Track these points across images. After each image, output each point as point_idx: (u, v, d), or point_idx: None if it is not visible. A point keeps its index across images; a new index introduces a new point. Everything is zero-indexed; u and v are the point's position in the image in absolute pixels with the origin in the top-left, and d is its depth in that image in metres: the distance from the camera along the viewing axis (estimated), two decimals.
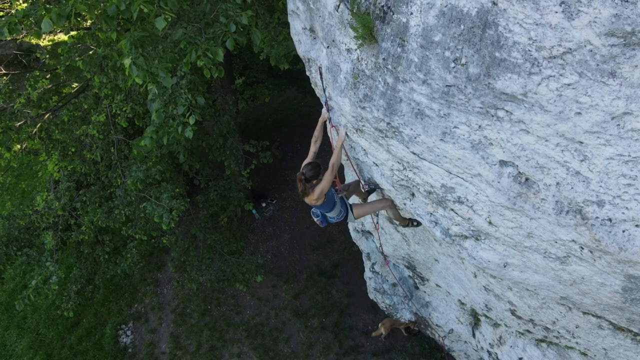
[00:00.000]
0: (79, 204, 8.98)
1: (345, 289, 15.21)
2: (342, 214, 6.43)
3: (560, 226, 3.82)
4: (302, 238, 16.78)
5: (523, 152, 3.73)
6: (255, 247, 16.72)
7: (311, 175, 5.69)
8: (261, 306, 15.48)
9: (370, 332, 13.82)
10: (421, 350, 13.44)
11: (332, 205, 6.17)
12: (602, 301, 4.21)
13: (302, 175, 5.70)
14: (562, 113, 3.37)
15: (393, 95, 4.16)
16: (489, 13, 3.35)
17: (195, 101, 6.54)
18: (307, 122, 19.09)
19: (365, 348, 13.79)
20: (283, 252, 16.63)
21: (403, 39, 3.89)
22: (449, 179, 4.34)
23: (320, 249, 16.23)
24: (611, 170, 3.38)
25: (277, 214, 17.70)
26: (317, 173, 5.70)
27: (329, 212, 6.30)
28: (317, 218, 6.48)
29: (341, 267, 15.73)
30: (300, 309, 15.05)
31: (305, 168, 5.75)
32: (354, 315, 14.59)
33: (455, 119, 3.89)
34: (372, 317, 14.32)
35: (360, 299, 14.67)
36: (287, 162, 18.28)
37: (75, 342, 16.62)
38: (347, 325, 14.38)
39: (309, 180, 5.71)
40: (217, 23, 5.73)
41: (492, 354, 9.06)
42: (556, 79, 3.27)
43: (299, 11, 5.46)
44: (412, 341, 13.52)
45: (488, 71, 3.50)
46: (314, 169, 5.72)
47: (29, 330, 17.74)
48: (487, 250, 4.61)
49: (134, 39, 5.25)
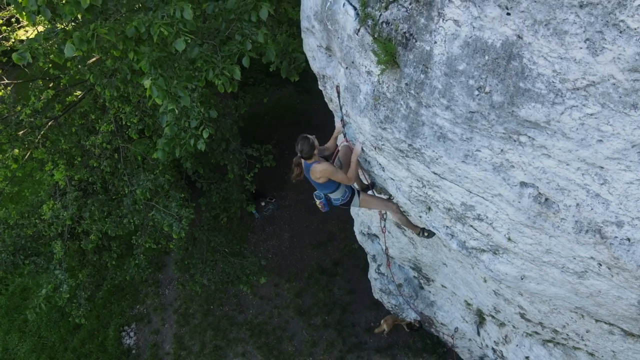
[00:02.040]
0: (87, 213, 9.05)
1: (347, 286, 15.40)
2: (347, 195, 6.31)
3: (579, 244, 4.00)
4: (303, 236, 16.92)
5: (544, 175, 3.89)
6: (255, 247, 16.85)
7: (307, 151, 5.70)
8: (264, 305, 15.63)
9: (373, 329, 14.05)
10: (423, 346, 13.70)
11: (336, 185, 6.11)
12: (617, 312, 4.40)
13: (299, 159, 5.74)
14: (584, 140, 3.53)
15: (416, 118, 4.29)
16: (513, 46, 3.49)
17: (207, 114, 6.63)
18: (303, 120, 19.17)
19: (369, 345, 14.02)
20: (284, 250, 16.76)
21: (426, 66, 4.02)
22: (469, 197, 4.49)
23: (320, 247, 16.39)
24: (630, 193, 3.55)
25: (277, 212, 17.82)
26: (312, 147, 5.71)
27: (333, 194, 6.24)
28: (319, 200, 6.46)
29: (342, 265, 15.90)
30: (303, 308, 15.22)
31: (298, 146, 5.72)
32: (356, 313, 14.79)
33: (478, 143, 4.04)
34: (375, 314, 14.53)
35: (362, 296, 14.87)
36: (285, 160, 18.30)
37: (78, 345, 16.69)
38: (350, 323, 14.58)
39: (307, 157, 5.74)
40: (232, 41, 5.82)
41: (497, 352, 9.29)
42: (579, 108, 3.42)
43: (314, 29, 5.56)
44: (414, 337, 13.76)
45: (512, 100, 3.64)
46: (305, 143, 5.69)
47: (30, 333, 17.75)
48: (505, 263, 4.79)
49: (153, 59, 5.33)
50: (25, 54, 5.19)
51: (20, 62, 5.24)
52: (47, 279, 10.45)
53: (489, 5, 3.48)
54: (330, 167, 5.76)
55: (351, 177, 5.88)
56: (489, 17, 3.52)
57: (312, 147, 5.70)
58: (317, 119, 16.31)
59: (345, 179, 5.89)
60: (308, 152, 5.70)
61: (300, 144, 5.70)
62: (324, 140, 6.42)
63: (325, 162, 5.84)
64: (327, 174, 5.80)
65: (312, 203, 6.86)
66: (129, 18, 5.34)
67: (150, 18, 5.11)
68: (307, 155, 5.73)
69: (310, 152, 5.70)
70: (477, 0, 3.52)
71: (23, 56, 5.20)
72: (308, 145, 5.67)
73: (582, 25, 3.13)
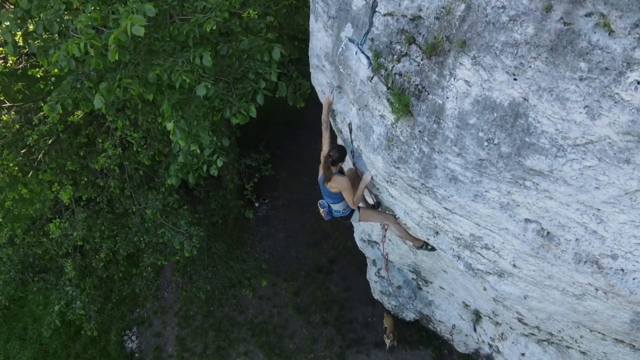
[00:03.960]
0: (98, 233, 9.33)
1: (343, 283, 15.90)
2: (347, 210, 6.78)
3: (578, 272, 4.49)
4: (297, 236, 17.33)
5: (547, 213, 4.36)
6: (252, 247, 17.22)
7: (337, 157, 6.11)
8: (263, 305, 16.06)
9: (370, 324, 14.62)
10: (419, 339, 14.31)
11: (340, 197, 6.54)
12: (611, 327, 4.93)
13: (329, 157, 6.10)
14: (583, 187, 4.00)
15: (428, 162, 4.72)
16: (520, 106, 3.92)
17: (220, 143, 6.95)
18: (293, 120, 19.45)
19: (367, 340, 14.58)
20: (280, 250, 17.17)
21: (439, 117, 4.43)
22: (478, 229, 4.95)
23: (316, 246, 16.83)
24: (624, 232, 4.04)
25: (271, 212, 18.17)
26: (343, 155, 6.14)
27: (336, 205, 6.68)
28: (323, 209, 6.88)
29: (337, 262, 16.38)
30: (302, 306, 15.70)
31: (332, 150, 6.15)
32: (354, 309, 15.32)
33: (487, 185, 4.49)
34: (371, 309, 15.09)
35: (358, 292, 15.42)
36: (276, 160, 18.64)
37: (80, 351, 16.95)
38: (348, 319, 15.12)
39: (335, 162, 6.15)
40: (246, 79, 6.14)
41: (492, 346, 9.87)
42: (579, 161, 3.88)
43: (325, 69, 5.91)
44: (411, 330, 14.35)
45: (519, 151, 4.08)
46: (339, 151, 6.13)
47: (31, 341, 17.93)
48: (510, 285, 5.28)
49: (173, 102, 5.64)
50: (56, 106, 5.47)
51: (50, 113, 5.52)
52: (57, 295, 10.71)
53: (497, 71, 3.90)
54: (347, 184, 6.17)
55: (356, 202, 6.32)
56: (498, 80, 3.94)
57: (342, 159, 6.12)
58: (307, 118, 16.63)
59: (350, 201, 6.32)
60: (338, 161, 6.10)
61: (336, 151, 6.09)
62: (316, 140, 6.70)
63: (346, 177, 6.24)
64: (342, 188, 6.24)
65: (305, 202, 7.31)
66: (148, 62, 5.62)
67: (171, 64, 5.42)
68: (335, 164, 6.13)
69: (339, 162, 6.12)
70: (487, 66, 3.93)
71: (53, 107, 5.48)
72: (341, 156, 6.09)
73: (582, 94, 3.57)
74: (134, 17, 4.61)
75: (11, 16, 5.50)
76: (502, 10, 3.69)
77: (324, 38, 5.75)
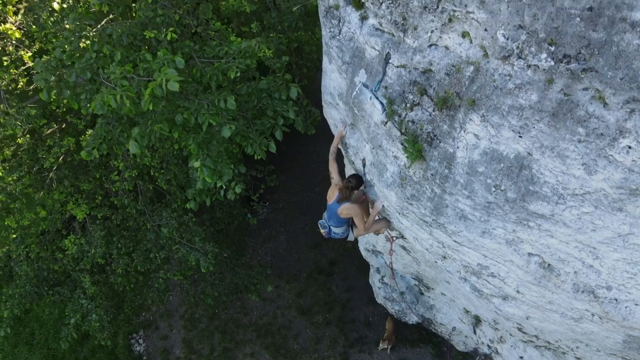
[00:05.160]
0: (115, 250, 9.72)
1: (344, 284, 16.41)
2: (344, 235, 7.40)
3: (577, 300, 5.00)
4: (298, 238, 17.79)
5: (548, 249, 4.85)
6: (254, 250, 17.67)
7: (355, 184, 6.58)
8: (267, 306, 16.55)
9: (372, 324, 15.16)
10: (419, 337, 14.87)
11: (343, 222, 7.08)
12: (605, 346, 5.47)
13: (349, 183, 6.55)
14: (581, 229, 4.49)
15: (440, 201, 5.19)
16: (524, 159, 4.39)
17: (237, 170, 7.36)
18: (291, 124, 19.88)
19: (369, 339, 15.13)
20: (281, 252, 17.63)
21: (450, 164, 4.89)
22: (485, 260, 5.44)
23: (316, 248, 17.30)
24: (617, 267, 4.54)
25: (271, 215, 18.59)
26: (360, 182, 6.62)
27: (337, 228, 7.20)
28: (324, 230, 7.42)
29: (338, 264, 16.87)
30: (304, 307, 16.20)
31: (351, 177, 6.65)
32: (355, 309, 15.85)
33: (494, 224, 4.97)
34: (372, 309, 15.62)
35: (359, 292, 15.94)
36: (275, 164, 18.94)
37: (88, 355, 17.37)
38: (350, 319, 15.64)
39: (353, 190, 6.62)
40: (265, 116, 6.55)
41: (491, 347, 10.43)
42: (577, 208, 4.36)
43: (338, 107, 6.34)
44: (411, 328, 14.91)
45: (523, 197, 4.56)
46: (357, 180, 6.60)
47: (39, 345, 18.33)
48: (513, 307, 5.79)
49: (199, 141, 6.04)
50: (92, 152, 5.86)
51: (88, 158, 5.90)
52: (72, 307, 11.09)
53: (504, 128, 4.36)
54: (359, 212, 6.66)
55: (367, 229, 6.81)
56: (504, 136, 4.40)
57: (359, 187, 6.57)
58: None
59: (361, 227, 6.81)
60: (355, 189, 6.56)
61: (354, 179, 6.55)
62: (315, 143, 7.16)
63: (357, 205, 6.70)
64: (353, 215, 6.71)
65: (305, 205, 7.79)
66: (173, 103, 6.00)
67: (197, 107, 5.81)
68: (350, 190, 6.56)
69: (356, 189, 6.58)
70: (495, 124, 4.39)
71: (90, 153, 5.86)
72: (358, 184, 6.53)
73: (580, 153, 4.04)
74: (168, 73, 4.99)
75: (45, 64, 5.85)
76: (509, 78, 4.14)
77: (337, 79, 6.17)
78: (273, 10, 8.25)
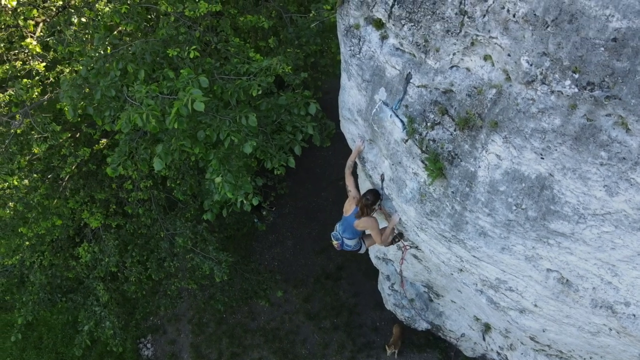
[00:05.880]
0: (130, 259, 9.84)
1: (351, 289, 16.52)
2: (357, 247, 7.60)
3: (594, 315, 5.12)
4: (305, 243, 17.91)
5: (567, 266, 4.97)
6: (261, 255, 17.78)
7: (372, 201, 6.69)
8: (274, 311, 16.65)
9: (379, 328, 15.28)
10: (426, 342, 15.00)
11: (357, 234, 7.22)
12: (621, 359, 5.58)
13: (367, 200, 6.65)
14: (601, 247, 4.60)
15: (460, 218, 5.30)
16: (545, 180, 4.51)
17: (255, 182, 7.47)
18: None
19: (377, 344, 15.26)
20: (288, 257, 17.74)
21: (471, 182, 5.01)
22: (503, 275, 5.56)
23: (323, 253, 17.41)
24: (636, 284, 4.66)
25: (278, 220, 18.69)
26: (377, 199, 6.73)
27: (350, 240, 7.32)
28: (337, 242, 7.52)
29: (345, 269, 16.99)
30: (312, 312, 16.31)
31: (368, 194, 6.73)
32: (363, 314, 15.97)
33: (514, 241, 5.08)
34: (379, 314, 15.74)
35: (366, 297, 16.06)
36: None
37: (97, 359, 17.49)
38: (357, 324, 15.76)
39: (372, 205, 6.73)
40: (284, 132, 6.67)
41: (501, 355, 10.53)
42: (597, 227, 4.48)
43: (357, 123, 6.45)
44: (418, 333, 15.02)
45: (544, 216, 4.68)
46: (374, 195, 6.72)
47: (47, 350, 18.43)
48: (530, 320, 5.90)
49: (220, 156, 6.15)
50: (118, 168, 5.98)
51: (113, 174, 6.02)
52: (85, 314, 11.21)
53: (526, 150, 4.48)
54: (376, 225, 6.77)
55: (384, 241, 6.92)
56: (526, 158, 4.52)
57: (377, 202, 6.67)
58: None
59: (378, 240, 6.92)
60: (374, 204, 6.66)
61: (372, 195, 6.66)
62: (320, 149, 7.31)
63: (373, 219, 6.81)
64: (369, 228, 6.82)
65: (311, 210, 7.94)
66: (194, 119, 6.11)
67: (219, 124, 5.93)
68: (369, 209, 6.68)
69: (374, 204, 6.68)
70: (517, 145, 4.51)
71: (115, 170, 5.98)
72: (376, 199, 6.64)
73: (601, 176, 4.16)
74: (194, 93, 5.11)
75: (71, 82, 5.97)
76: (532, 102, 4.25)
77: (356, 96, 6.28)
78: (290, 26, 8.38)
